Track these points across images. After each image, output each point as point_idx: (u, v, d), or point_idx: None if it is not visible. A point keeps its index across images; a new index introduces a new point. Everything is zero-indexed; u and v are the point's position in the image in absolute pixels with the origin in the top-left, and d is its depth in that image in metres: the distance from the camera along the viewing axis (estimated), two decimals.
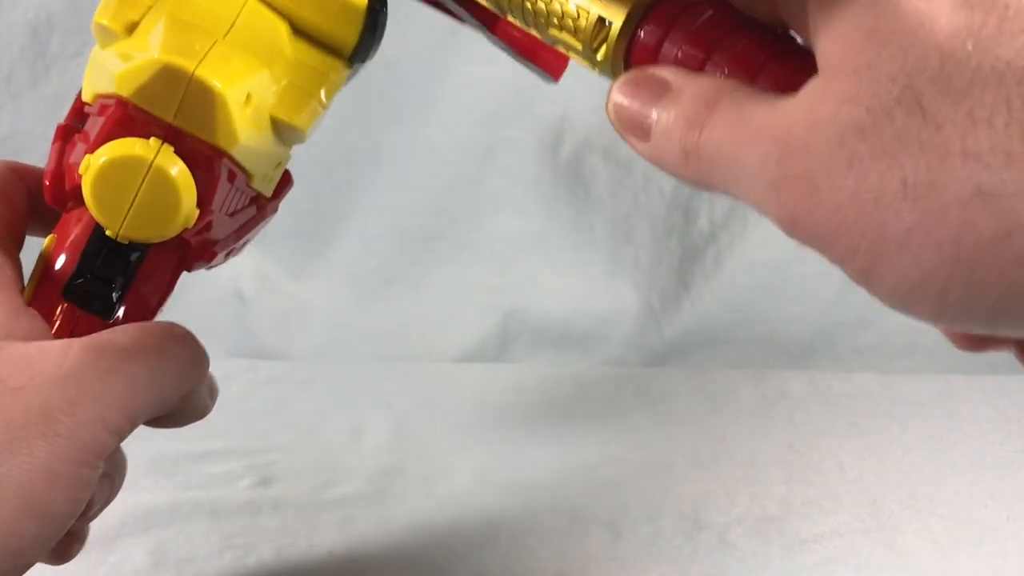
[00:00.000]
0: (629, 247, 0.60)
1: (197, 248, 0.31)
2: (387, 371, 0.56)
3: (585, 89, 0.32)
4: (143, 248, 0.30)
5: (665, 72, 0.24)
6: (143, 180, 0.28)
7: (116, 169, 0.28)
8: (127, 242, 0.29)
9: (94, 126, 0.29)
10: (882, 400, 0.56)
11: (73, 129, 0.31)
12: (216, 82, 0.28)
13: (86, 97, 0.31)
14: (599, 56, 0.26)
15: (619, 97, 0.24)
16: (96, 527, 0.30)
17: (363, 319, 0.60)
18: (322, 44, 0.32)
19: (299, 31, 0.32)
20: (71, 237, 0.30)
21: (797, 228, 0.21)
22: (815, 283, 0.63)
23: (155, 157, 0.28)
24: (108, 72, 0.29)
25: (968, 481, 0.44)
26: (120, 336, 0.28)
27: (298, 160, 0.32)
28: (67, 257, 0.30)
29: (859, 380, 0.60)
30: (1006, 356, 0.27)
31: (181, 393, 0.28)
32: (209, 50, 0.29)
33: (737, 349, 0.62)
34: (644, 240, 0.60)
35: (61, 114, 0.32)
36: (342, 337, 0.60)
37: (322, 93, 0.31)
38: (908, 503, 0.42)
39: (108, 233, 0.29)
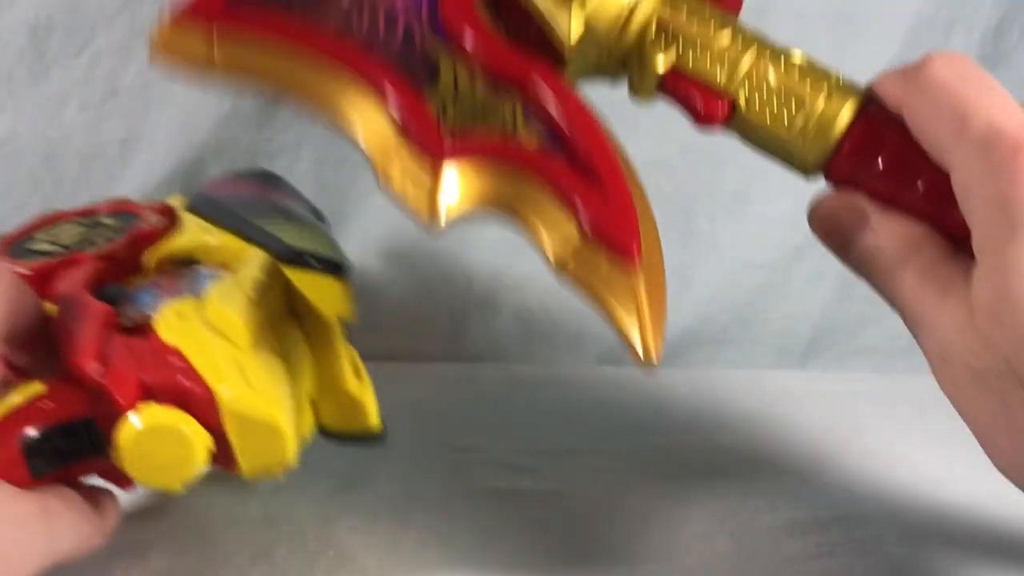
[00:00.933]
0: None
1: None
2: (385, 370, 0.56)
3: (585, 89, 0.32)
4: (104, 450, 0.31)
5: (866, 204, 0.30)
6: (177, 448, 0.30)
7: (162, 435, 0.30)
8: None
9: (156, 369, 0.31)
10: (882, 400, 0.56)
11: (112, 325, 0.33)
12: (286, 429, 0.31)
13: (166, 336, 0.32)
14: (808, 154, 0.31)
15: (824, 212, 0.32)
16: None
17: (363, 319, 0.60)
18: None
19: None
20: (52, 408, 0.31)
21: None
22: (815, 283, 0.62)
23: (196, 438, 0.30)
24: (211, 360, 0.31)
25: (969, 482, 0.44)
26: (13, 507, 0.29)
27: (298, 160, 0.32)
28: (42, 421, 0.31)
29: (859, 380, 0.60)
30: None
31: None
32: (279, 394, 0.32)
33: (737, 349, 0.62)
34: None
35: (61, 114, 0.32)
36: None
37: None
38: (908, 503, 0.42)
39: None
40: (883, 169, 0.30)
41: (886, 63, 0.62)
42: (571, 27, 0.30)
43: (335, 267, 0.35)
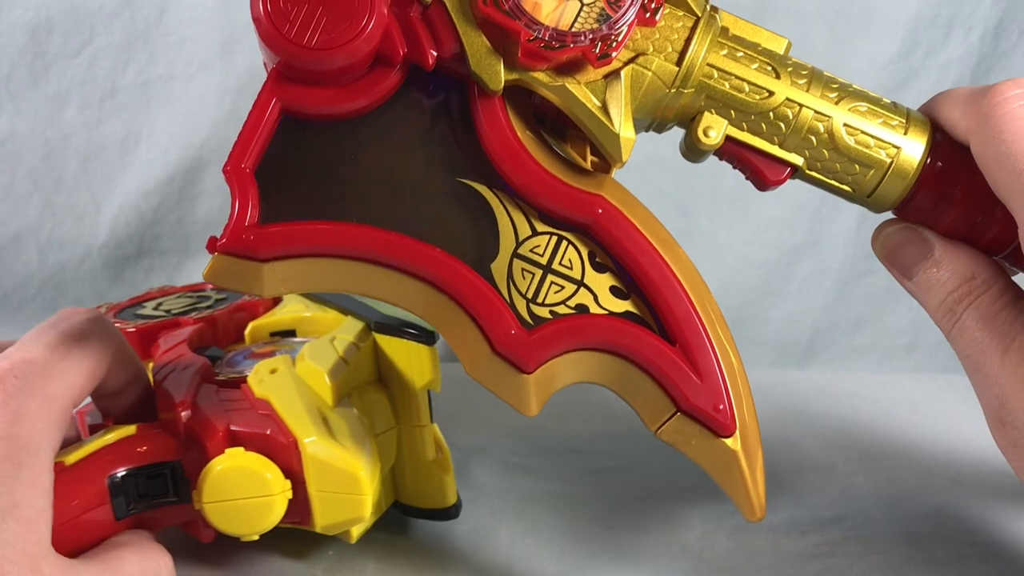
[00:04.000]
0: None
1: None
2: None
3: None
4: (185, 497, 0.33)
5: (931, 237, 0.30)
6: (257, 493, 0.32)
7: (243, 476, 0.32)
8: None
9: (243, 417, 0.33)
10: (882, 400, 0.56)
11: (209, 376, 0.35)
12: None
13: (257, 390, 0.34)
14: (876, 205, 0.30)
15: (890, 243, 0.31)
16: None
17: None
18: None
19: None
20: (140, 450, 0.32)
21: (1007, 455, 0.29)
22: (815, 283, 0.63)
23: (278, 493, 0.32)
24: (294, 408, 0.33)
25: (969, 481, 0.44)
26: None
27: None
28: (129, 461, 0.32)
29: (859, 380, 0.60)
30: None
31: None
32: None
33: (737, 349, 0.62)
34: None
35: (61, 114, 0.32)
36: None
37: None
38: (909, 503, 0.42)
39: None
40: (953, 205, 0.29)
41: (885, 63, 0.63)
42: (621, 147, 0.28)
43: (427, 336, 0.35)
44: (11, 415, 0.27)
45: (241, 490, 0.31)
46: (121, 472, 0.31)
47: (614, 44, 0.27)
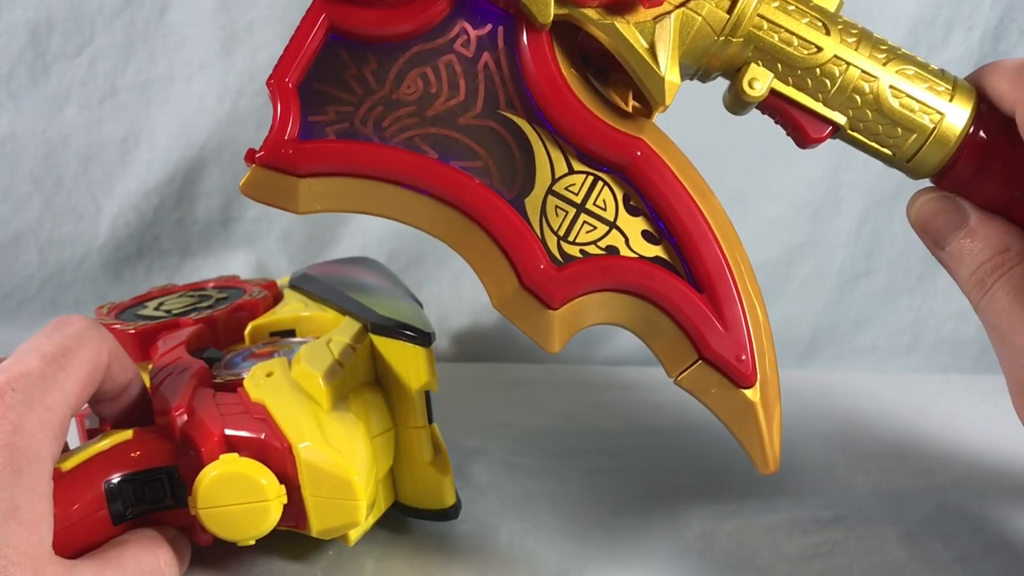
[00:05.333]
0: None
1: None
2: None
3: None
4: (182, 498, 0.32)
5: (967, 207, 0.29)
6: (252, 499, 0.31)
7: (235, 481, 0.31)
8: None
9: (238, 422, 0.32)
10: (882, 400, 0.56)
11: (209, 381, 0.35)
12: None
13: (253, 393, 0.33)
14: (917, 169, 0.30)
15: (925, 211, 0.30)
16: None
17: None
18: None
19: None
20: (136, 455, 0.32)
21: None
22: (815, 283, 0.63)
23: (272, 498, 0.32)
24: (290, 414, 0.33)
25: (969, 481, 0.44)
26: None
27: None
28: (126, 467, 0.32)
29: (859, 380, 0.60)
30: None
31: None
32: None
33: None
34: None
35: (61, 114, 0.32)
36: None
37: None
38: (909, 503, 0.42)
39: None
40: (992, 176, 0.29)
41: None
42: (665, 91, 0.28)
43: (423, 338, 0.35)
44: (11, 426, 0.27)
45: (236, 496, 0.31)
46: (117, 478, 0.31)
47: None
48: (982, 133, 0.29)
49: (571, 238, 0.29)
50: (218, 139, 0.61)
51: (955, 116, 0.29)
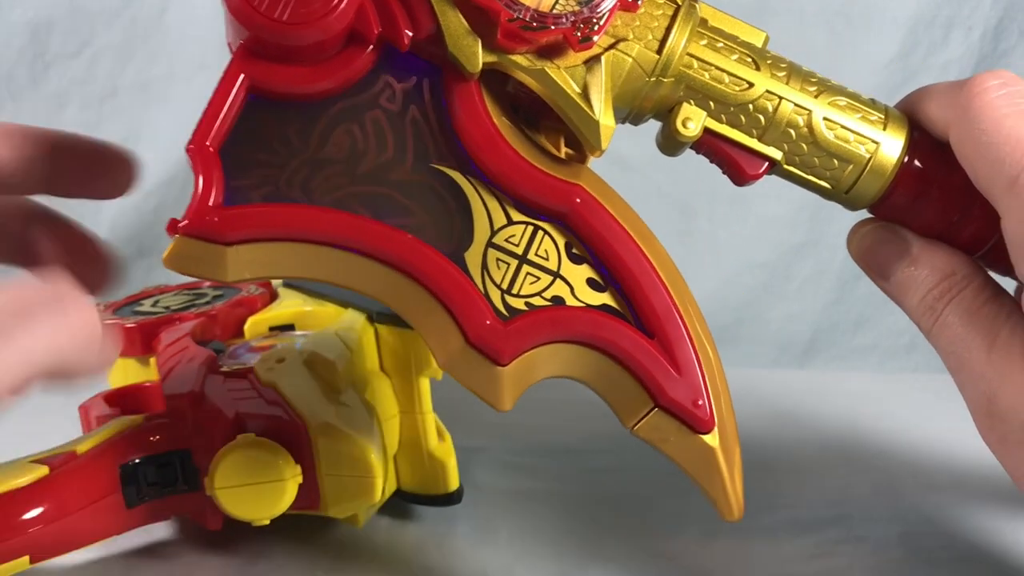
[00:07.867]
0: None
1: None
2: None
3: None
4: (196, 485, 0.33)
5: (909, 235, 0.29)
6: (268, 478, 0.32)
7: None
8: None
9: (251, 403, 0.33)
10: (882, 400, 0.55)
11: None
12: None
13: (264, 377, 0.34)
14: (854, 202, 0.31)
15: (866, 243, 0.31)
16: None
17: None
18: None
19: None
20: (150, 439, 0.33)
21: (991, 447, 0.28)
22: (815, 283, 0.63)
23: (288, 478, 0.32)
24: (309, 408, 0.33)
25: (969, 481, 0.44)
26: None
27: None
28: (140, 450, 0.32)
29: (859, 380, 0.59)
30: None
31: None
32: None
33: (737, 349, 0.62)
34: None
35: (61, 114, 0.32)
36: None
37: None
38: (909, 503, 0.42)
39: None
40: (930, 203, 0.29)
41: (885, 63, 0.63)
42: (601, 135, 0.27)
43: None
44: None
45: (253, 475, 0.31)
46: (133, 461, 0.32)
47: (596, 27, 0.26)
48: (917, 161, 0.29)
49: (515, 291, 0.28)
50: None
51: (889, 145, 0.29)
